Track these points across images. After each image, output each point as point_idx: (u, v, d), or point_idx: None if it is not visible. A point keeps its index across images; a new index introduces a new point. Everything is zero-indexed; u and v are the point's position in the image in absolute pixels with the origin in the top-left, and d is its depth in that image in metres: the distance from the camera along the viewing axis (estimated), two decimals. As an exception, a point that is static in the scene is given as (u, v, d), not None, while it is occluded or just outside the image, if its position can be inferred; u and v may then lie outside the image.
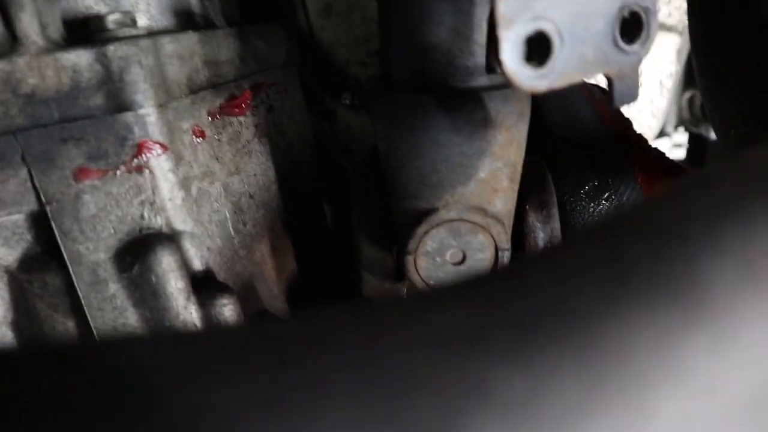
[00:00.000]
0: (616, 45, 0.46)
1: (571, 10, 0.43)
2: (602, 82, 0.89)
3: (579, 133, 0.76)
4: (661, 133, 1.52)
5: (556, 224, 0.72)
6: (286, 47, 0.81)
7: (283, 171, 0.76)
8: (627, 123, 0.83)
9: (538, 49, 0.43)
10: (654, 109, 1.38)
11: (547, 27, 0.42)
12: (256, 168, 0.70)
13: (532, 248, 0.72)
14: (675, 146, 1.56)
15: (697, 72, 0.85)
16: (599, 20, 0.44)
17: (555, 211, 0.71)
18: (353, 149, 1.20)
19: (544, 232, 0.72)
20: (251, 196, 0.69)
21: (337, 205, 1.02)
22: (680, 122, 1.59)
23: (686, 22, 0.96)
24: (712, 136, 1.57)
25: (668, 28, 1.30)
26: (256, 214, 0.70)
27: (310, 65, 1.15)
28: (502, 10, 0.40)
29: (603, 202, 0.74)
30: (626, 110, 1.45)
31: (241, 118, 0.67)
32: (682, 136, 1.57)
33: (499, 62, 0.41)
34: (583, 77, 0.45)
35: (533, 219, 0.71)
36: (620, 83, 0.48)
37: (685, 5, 1.12)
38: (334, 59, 1.20)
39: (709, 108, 0.86)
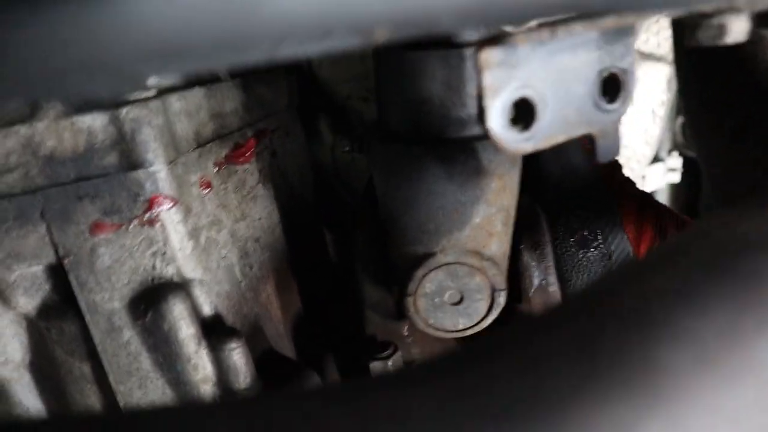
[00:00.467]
0: (597, 105, 0.49)
1: (553, 77, 0.46)
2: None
3: (570, 177, 0.79)
4: (656, 159, 1.55)
5: (551, 263, 0.75)
6: (287, 90, 0.84)
7: (286, 212, 0.79)
8: (616, 166, 0.86)
9: (522, 112, 0.46)
10: (647, 138, 1.41)
11: (530, 94, 0.45)
12: (261, 212, 0.73)
13: (527, 287, 0.75)
14: (670, 170, 1.59)
15: (683, 109, 0.88)
16: (580, 84, 0.47)
17: (549, 250, 0.74)
18: (351, 179, 1.23)
19: (538, 270, 0.74)
20: (257, 240, 0.72)
21: (336, 234, 1.05)
22: (674, 146, 1.62)
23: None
24: (707, 159, 1.59)
25: (658, 59, 1.33)
26: (261, 257, 0.73)
27: (310, 103, 1.18)
28: (488, 80, 0.43)
29: (592, 250, 0.77)
30: (632, 153, 1.47)
31: (246, 165, 0.70)
32: (676, 161, 1.59)
33: (486, 128, 0.44)
34: (566, 138, 0.49)
35: (528, 258, 0.74)
36: (603, 140, 0.51)
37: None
38: (334, 96, 1.23)
39: (695, 144, 0.89)
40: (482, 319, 0.67)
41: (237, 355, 0.59)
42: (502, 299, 0.66)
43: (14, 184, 0.52)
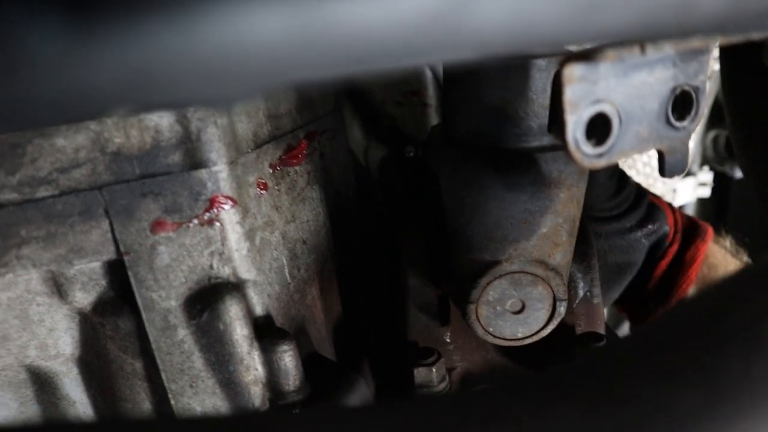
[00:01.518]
0: (669, 122, 0.49)
1: (629, 92, 0.46)
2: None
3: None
4: (687, 173, 1.55)
5: (596, 275, 0.75)
6: (334, 94, 0.84)
7: (331, 214, 0.80)
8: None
9: (598, 128, 0.46)
10: (681, 151, 1.40)
11: (607, 109, 0.45)
12: (309, 214, 0.74)
13: (572, 298, 0.75)
14: (700, 185, 1.59)
15: (729, 125, 0.87)
16: (654, 101, 0.47)
17: (595, 262, 0.74)
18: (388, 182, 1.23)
19: (584, 281, 0.74)
20: (305, 242, 0.72)
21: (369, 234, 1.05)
22: (705, 161, 1.61)
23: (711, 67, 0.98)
24: (737, 174, 1.59)
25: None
26: (308, 259, 0.73)
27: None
28: (569, 95, 0.43)
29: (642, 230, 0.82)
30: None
31: (297, 167, 0.71)
32: (707, 175, 1.59)
33: (564, 142, 0.44)
34: (637, 153, 0.48)
35: (574, 269, 0.74)
36: (671, 157, 0.51)
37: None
38: (368, 99, 1.23)
39: (738, 153, 0.89)
40: (542, 329, 0.67)
41: (288, 358, 0.59)
42: (562, 309, 0.66)
43: (81, 180, 0.52)
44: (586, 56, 0.41)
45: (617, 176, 0.90)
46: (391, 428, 0.23)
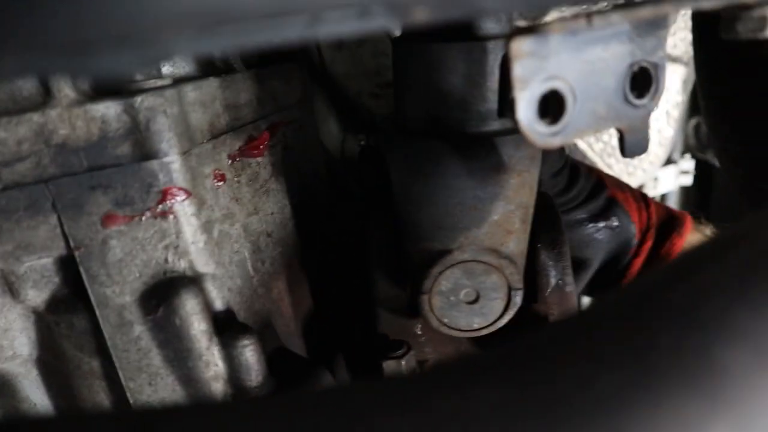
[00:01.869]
0: (627, 100, 0.48)
1: (583, 68, 0.44)
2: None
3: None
4: (668, 161, 1.54)
5: (568, 262, 0.73)
6: (301, 85, 0.83)
7: (298, 207, 0.78)
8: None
9: (551, 106, 0.44)
10: (661, 139, 1.39)
11: (560, 86, 0.43)
12: (274, 207, 0.72)
13: (543, 286, 0.73)
14: (682, 173, 1.58)
15: (703, 110, 0.86)
16: (610, 78, 0.46)
17: (566, 249, 0.73)
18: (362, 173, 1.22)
19: (555, 270, 0.73)
20: (269, 235, 0.71)
21: (346, 231, 1.04)
22: (687, 149, 1.61)
23: (691, 53, 0.97)
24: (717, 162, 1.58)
25: (674, 59, 1.31)
26: (273, 252, 0.71)
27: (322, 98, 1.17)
28: (518, 71, 0.42)
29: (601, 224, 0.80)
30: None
31: (259, 159, 0.69)
32: (689, 163, 1.58)
33: (515, 120, 0.43)
34: (594, 132, 0.47)
35: (545, 257, 0.72)
36: (631, 136, 0.49)
37: (689, 36, 1.14)
38: (344, 91, 1.22)
39: (715, 146, 0.88)
40: (498, 319, 0.66)
41: (249, 353, 0.58)
42: (518, 299, 0.64)
43: (26, 173, 0.51)
44: (533, 29, 0.40)
45: (567, 172, 0.87)
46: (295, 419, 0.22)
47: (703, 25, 0.78)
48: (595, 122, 0.47)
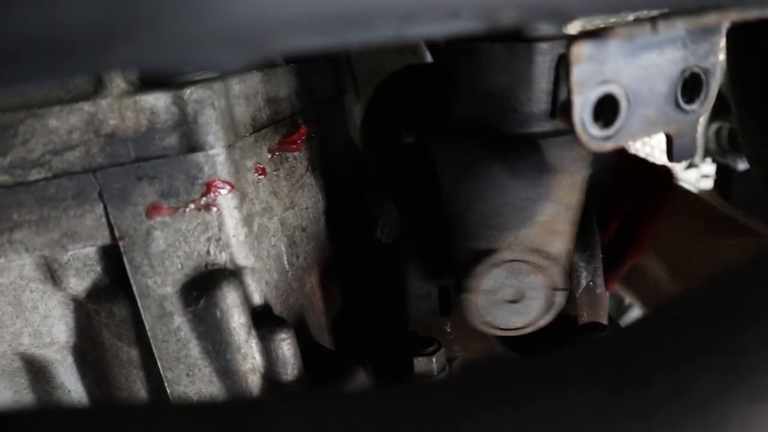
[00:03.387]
0: (678, 105, 0.48)
1: (638, 73, 0.44)
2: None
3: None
4: (689, 165, 1.54)
5: (599, 264, 0.74)
6: (335, 81, 0.83)
7: (330, 202, 0.78)
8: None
9: (605, 110, 0.44)
10: (684, 142, 1.38)
11: (615, 90, 0.44)
12: (308, 201, 0.72)
13: (575, 287, 0.73)
14: (703, 177, 1.57)
15: (736, 113, 0.86)
16: (663, 83, 0.46)
17: (598, 251, 0.73)
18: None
19: (587, 271, 0.73)
20: (304, 230, 0.71)
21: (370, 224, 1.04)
22: (707, 153, 1.60)
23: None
24: (739, 167, 1.58)
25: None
26: (307, 247, 0.72)
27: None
28: (576, 75, 0.42)
29: None
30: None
31: (296, 153, 0.69)
32: (709, 167, 1.58)
33: (570, 123, 0.43)
34: (645, 136, 0.47)
35: (577, 258, 0.72)
36: (679, 140, 0.49)
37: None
38: (371, 87, 1.22)
39: (744, 142, 0.87)
40: (538, 319, 0.66)
41: (286, 346, 0.58)
42: (561, 299, 0.65)
43: (74, 162, 0.51)
44: (596, 34, 0.40)
45: None
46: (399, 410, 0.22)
47: (738, 27, 0.77)
48: (646, 127, 0.47)
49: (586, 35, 0.40)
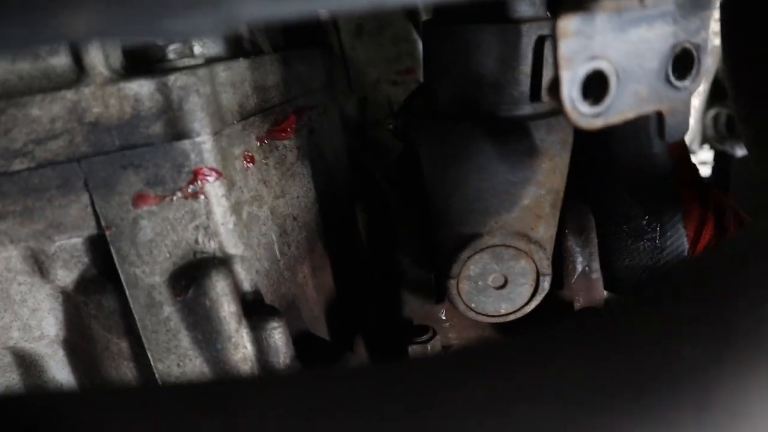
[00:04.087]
0: (668, 81, 0.47)
1: (627, 49, 0.44)
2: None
3: (644, 162, 0.74)
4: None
5: (595, 249, 0.73)
6: (325, 69, 0.82)
7: (322, 191, 0.78)
8: (686, 155, 0.81)
9: (594, 87, 0.44)
10: (681, 128, 1.38)
11: (604, 66, 0.43)
12: (299, 190, 0.72)
13: (570, 272, 0.73)
14: (700, 164, 1.57)
15: (732, 99, 0.85)
16: (654, 59, 0.45)
17: (593, 236, 0.72)
18: (381, 156, 1.21)
19: (582, 256, 0.73)
20: (295, 218, 0.70)
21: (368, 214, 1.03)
22: (705, 140, 1.59)
23: (711, 42, 0.96)
24: (737, 153, 1.57)
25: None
26: (299, 236, 0.71)
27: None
28: (564, 50, 0.41)
29: (644, 241, 0.74)
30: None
31: (286, 142, 0.69)
32: (707, 154, 1.57)
33: (559, 101, 0.42)
34: (635, 114, 0.47)
35: (572, 243, 0.72)
36: (672, 118, 0.49)
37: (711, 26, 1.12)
38: (364, 78, 1.21)
39: (742, 128, 0.86)
40: (525, 305, 0.65)
41: (278, 335, 0.57)
42: (546, 284, 0.64)
43: (58, 152, 0.50)
44: (582, 6, 0.39)
45: None
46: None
47: (734, 8, 0.76)
48: (637, 104, 0.46)
49: (572, 8, 0.40)
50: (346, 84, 1.21)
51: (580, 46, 0.41)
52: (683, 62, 0.47)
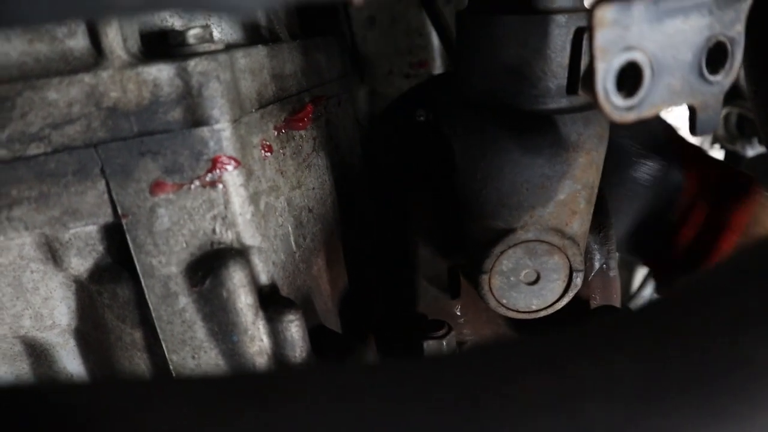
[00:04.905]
0: (702, 75, 0.46)
1: (662, 40, 0.43)
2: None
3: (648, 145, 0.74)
4: (698, 150, 1.52)
5: (613, 246, 0.72)
6: (341, 59, 0.81)
7: (337, 183, 0.77)
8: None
9: (628, 79, 0.43)
10: (693, 127, 1.37)
11: (639, 58, 0.42)
12: (315, 181, 0.71)
13: (588, 271, 0.72)
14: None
15: (750, 91, 0.84)
16: (688, 51, 0.44)
17: (612, 233, 0.71)
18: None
19: (600, 254, 0.72)
20: (310, 210, 0.69)
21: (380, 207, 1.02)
22: (716, 140, 1.58)
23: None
24: (748, 153, 1.56)
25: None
26: (314, 228, 0.70)
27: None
28: (599, 40, 0.40)
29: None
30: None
31: (303, 132, 0.68)
32: (718, 154, 1.56)
33: (593, 93, 0.41)
34: (669, 107, 0.45)
35: (590, 240, 0.71)
36: (703, 113, 0.48)
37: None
38: (376, 70, 1.20)
39: (761, 122, 0.85)
40: (556, 301, 0.64)
41: (294, 328, 0.56)
42: (579, 281, 0.63)
43: (75, 137, 0.49)
44: (620, -5, 0.38)
45: None
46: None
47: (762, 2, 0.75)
48: (669, 97, 0.45)
49: (610, -3, 0.39)
50: (357, 75, 1.20)
51: (616, 37, 0.40)
52: (716, 56, 0.46)
